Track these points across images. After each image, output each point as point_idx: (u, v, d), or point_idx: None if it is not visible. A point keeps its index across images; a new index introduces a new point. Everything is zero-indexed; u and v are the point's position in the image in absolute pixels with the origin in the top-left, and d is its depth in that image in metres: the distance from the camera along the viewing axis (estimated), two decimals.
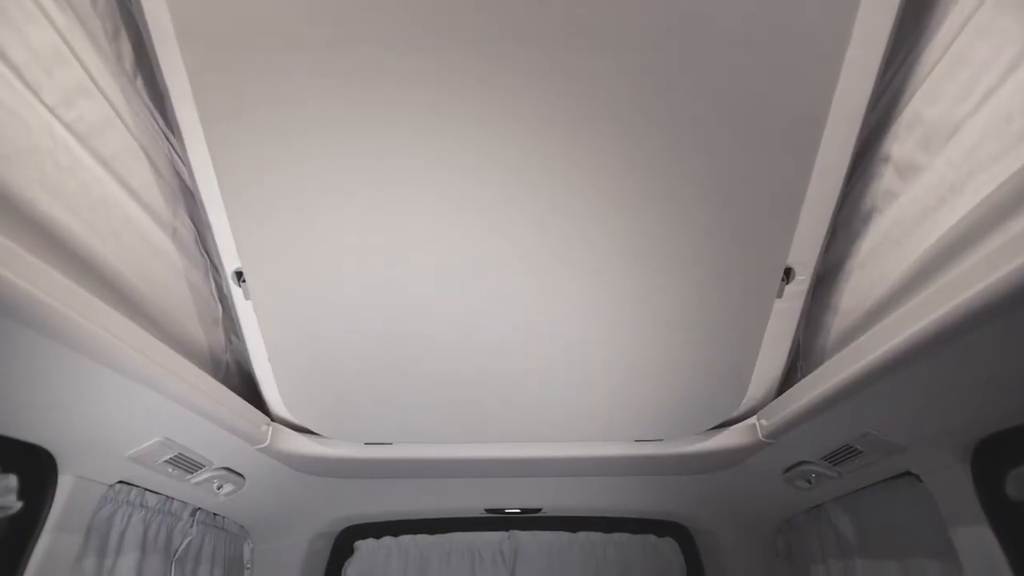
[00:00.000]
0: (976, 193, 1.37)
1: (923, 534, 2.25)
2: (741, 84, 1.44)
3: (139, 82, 1.70)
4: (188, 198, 1.97)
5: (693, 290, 1.84)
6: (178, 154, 1.82)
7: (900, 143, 1.65)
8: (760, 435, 2.36)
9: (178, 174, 1.90)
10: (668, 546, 4.04)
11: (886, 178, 1.72)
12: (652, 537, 4.06)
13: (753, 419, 2.43)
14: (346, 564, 4.01)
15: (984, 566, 1.88)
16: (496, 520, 3.88)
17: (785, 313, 2.07)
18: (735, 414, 2.43)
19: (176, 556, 2.67)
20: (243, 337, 2.19)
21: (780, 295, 1.96)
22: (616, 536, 4.06)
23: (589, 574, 3.99)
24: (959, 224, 1.42)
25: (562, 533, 4.06)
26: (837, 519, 2.76)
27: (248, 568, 3.41)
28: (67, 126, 1.49)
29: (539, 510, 3.64)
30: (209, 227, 1.91)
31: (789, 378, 2.31)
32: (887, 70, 1.58)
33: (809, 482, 2.55)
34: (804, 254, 1.91)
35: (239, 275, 1.97)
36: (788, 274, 1.94)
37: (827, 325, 2.09)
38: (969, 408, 1.75)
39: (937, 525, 2.11)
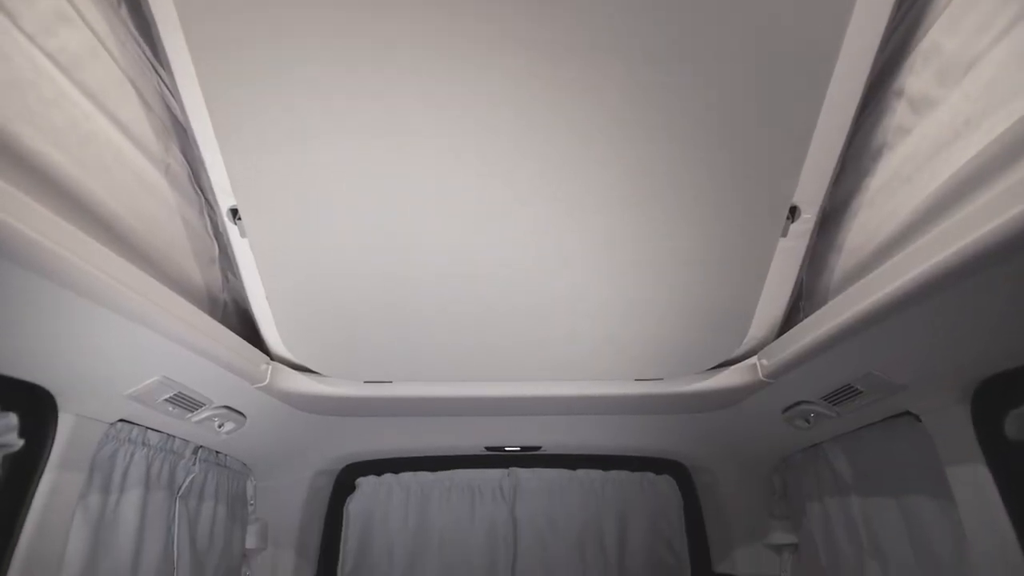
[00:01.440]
0: (992, 129, 1.33)
1: (919, 474, 2.27)
2: (750, 12, 1.38)
3: (123, 10, 1.63)
4: (180, 133, 1.92)
5: (696, 228, 1.80)
6: (168, 87, 1.76)
7: (915, 76, 1.59)
8: (760, 375, 2.36)
9: (169, 108, 1.84)
10: (666, 483, 4.11)
11: (899, 113, 1.67)
12: (650, 475, 4.12)
13: (754, 359, 2.42)
14: (348, 500, 4.08)
15: (979, 505, 1.89)
16: (496, 458, 3.94)
17: (789, 252, 2.04)
18: (736, 354, 2.42)
19: (180, 493, 2.70)
20: (240, 275, 2.17)
21: (784, 234, 1.92)
22: (614, 474, 4.12)
23: (588, 511, 4.07)
24: (973, 160, 1.37)
25: (561, 471, 4.12)
26: (834, 458, 2.78)
27: (251, 504, 3.47)
28: (49, 56, 1.43)
29: (539, 448, 3.68)
30: (202, 163, 1.87)
31: (791, 318, 2.29)
32: (903, 1, 1.52)
33: (808, 421, 2.56)
34: (810, 192, 1.87)
35: (234, 212, 1.93)
36: (793, 212, 1.90)
37: (831, 264, 2.06)
38: (973, 348, 1.73)
39: (933, 465, 2.12)
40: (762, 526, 3.48)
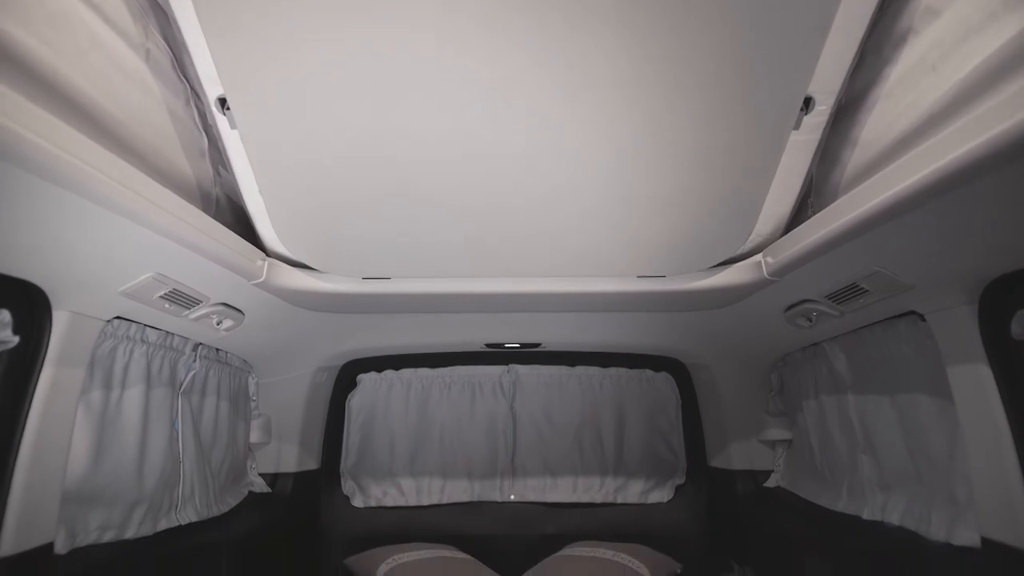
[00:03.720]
0: None
1: (918, 373, 2.27)
2: None
3: None
4: (160, 15, 1.80)
5: (703, 119, 1.71)
6: None
7: None
8: (765, 272, 2.32)
9: None
10: (664, 380, 4.18)
11: None
12: (648, 372, 4.17)
13: (758, 256, 2.38)
14: (349, 396, 4.16)
15: (978, 402, 1.90)
16: (496, 354, 3.97)
17: (801, 146, 1.96)
18: (740, 251, 2.37)
19: (182, 389, 2.72)
20: (231, 169, 2.10)
21: (797, 126, 1.83)
22: (613, 371, 4.17)
23: (586, 406, 4.15)
24: (1007, 45, 1.28)
25: (560, 367, 4.17)
26: (833, 357, 2.79)
27: (254, 400, 3.53)
28: None
29: (538, 345, 3.70)
30: (185, 48, 1.76)
31: (799, 215, 2.23)
32: None
33: (810, 320, 2.55)
34: (827, 81, 1.77)
35: (222, 102, 1.84)
36: (808, 103, 1.81)
37: (844, 159, 1.98)
38: (984, 247, 1.69)
39: (933, 364, 2.13)
40: (757, 423, 3.55)
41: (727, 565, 3.37)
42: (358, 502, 4.04)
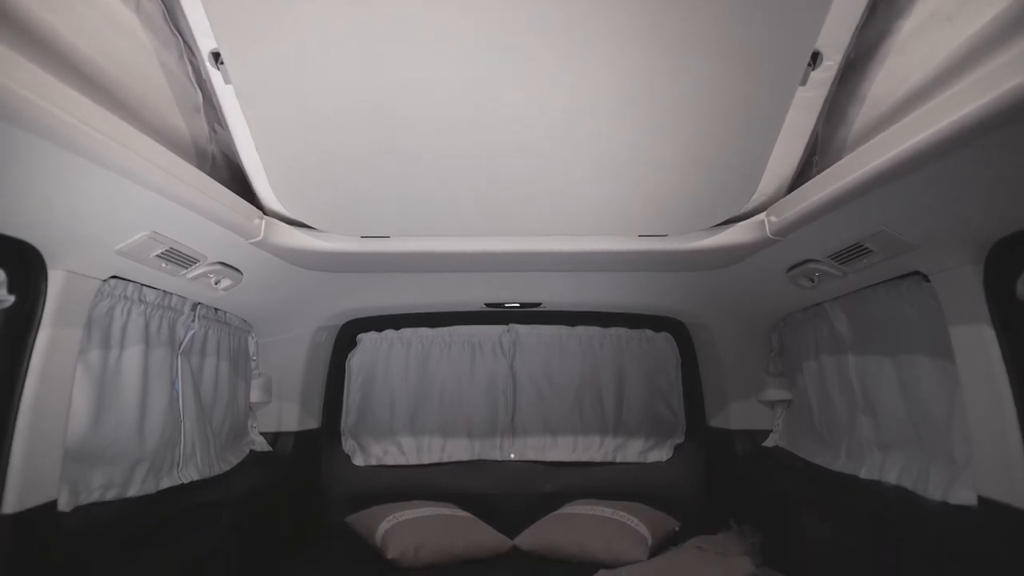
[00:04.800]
0: None
1: (919, 333, 2.27)
2: None
3: None
4: None
5: (708, 75, 1.66)
6: None
7: None
8: (768, 232, 2.30)
9: None
10: (664, 340, 4.18)
11: None
12: (649, 331, 4.18)
13: (762, 215, 2.35)
14: (349, 355, 4.16)
15: (980, 363, 1.89)
16: (496, 314, 3.97)
17: (807, 102, 1.92)
18: (743, 210, 2.34)
19: (181, 349, 2.72)
20: (227, 125, 2.06)
21: (804, 82, 1.78)
22: (613, 330, 4.18)
23: (586, 365, 4.16)
24: None
25: (560, 327, 4.17)
26: (835, 317, 2.78)
27: (254, 360, 3.53)
28: None
29: (539, 305, 3.69)
30: (177, 0, 1.72)
31: (804, 173, 2.19)
32: None
33: (812, 280, 2.54)
34: (835, 35, 1.72)
35: (216, 56, 1.79)
36: (815, 58, 1.76)
37: (851, 117, 1.93)
38: (991, 207, 1.67)
39: (935, 325, 2.11)
40: (757, 383, 3.56)
41: (725, 523, 3.40)
42: (359, 461, 4.07)
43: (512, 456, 4.10)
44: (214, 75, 1.87)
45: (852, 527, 2.51)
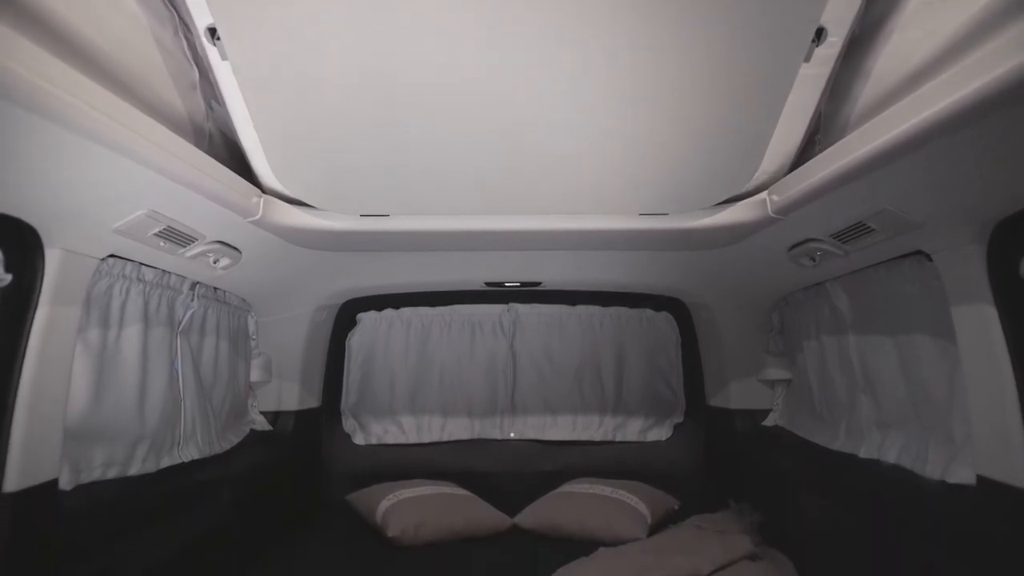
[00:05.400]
0: None
1: (921, 312, 2.26)
2: None
3: None
4: None
5: (711, 51, 1.64)
6: None
7: None
8: (769, 211, 2.28)
9: None
10: (664, 319, 4.18)
11: None
12: (649, 311, 4.17)
13: (764, 194, 2.33)
14: (349, 335, 4.16)
15: (982, 342, 1.88)
16: (496, 293, 3.96)
17: (810, 79, 1.89)
18: (745, 188, 2.32)
19: (180, 328, 2.71)
20: (224, 102, 2.04)
21: (808, 59, 1.75)
22: (613, 310, 4.17)
23: (586, 344, 4.17)
24: None
25: (560, 306, 4.17)
26: (836, 297, 2.77)
27: (254, 339, 3.53)
28: None
29: (539, 284, 3.68)
30: None
31: (806, 151, 2.17)
32: None
33: (813, 260, 2.53)
34: (840, 11, 1.69)
35: (212, 32, 1.77)
36: (819, 35, 1.73)
37: (855, 94, 1.91)
38: (996, 186, 1.65)
39: (937, 305, 2.10)
40: (757, 362, 3.56)
41: (724, 502, 3.42)
42: (359, 440, 4.09)
43: (512, 435, 4.12)
44: (210, 51, 1.85)
45: (851, 506, 2.51)
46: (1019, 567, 1.74)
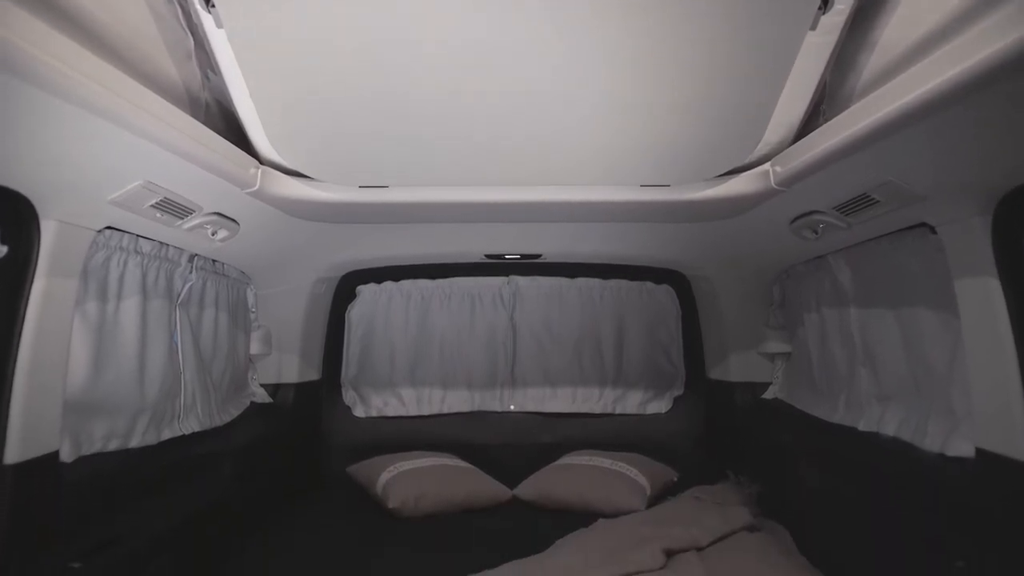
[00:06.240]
0: None
1: (923, 286, 2.25)
2: None
3: None
4: None
5: (715, 18, 1.61)
6: None
7: None
8: (772, 182, 2.26)
9: None
10: (664, 292, 4.17)
11: None
12: (649, 283, 4.17)
13: (766, 165, 2.30)
14: (349, 307, 4.16)
15: (984, 315, 1.87)
16: (496, 265, 3.95)
17: (816, 48, 1.85)
18: (748, 160, 2.29)
19: (179, 301, 2.70)
20: (220, 71, 2.00)
21: (814, 27, 1.71)
22: (613, 282, 4.16)
23: (586, 317, 4.17)
24: None
25: (561, 279, 4.16)
26: (838, 269, 2.76)
27: (253, 312, 3.52)
28: None
29: (539, 256, 3.66)
30: None
31: (810, 122, 2.13)
32: None
33: (816, 232, 2.51)
34: None
35: None
36: (826, 2, 1.69)
37: (860, 64, 1.88)
38: (1002, 158, 1.63)
39: (939, 277, 2.09)
40: (757, 335, 3.55)
41: (723, 474, 3.44)
42: (359, 412, 4.11)
43: (512, 407, 4.13)
44: (205, 19, 1.81)
45: (850, 478, 2.52)
46: (1017, 538, 1.75)
